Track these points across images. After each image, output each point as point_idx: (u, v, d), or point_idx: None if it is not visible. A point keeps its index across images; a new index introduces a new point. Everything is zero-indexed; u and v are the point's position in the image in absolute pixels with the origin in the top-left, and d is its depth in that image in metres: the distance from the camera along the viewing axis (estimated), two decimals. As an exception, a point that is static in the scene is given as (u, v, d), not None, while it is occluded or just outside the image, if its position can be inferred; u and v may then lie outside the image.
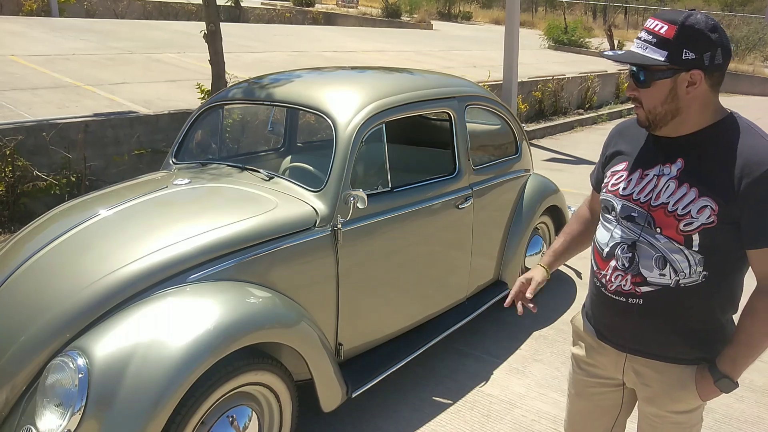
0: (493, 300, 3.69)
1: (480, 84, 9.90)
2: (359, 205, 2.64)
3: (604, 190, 1.72)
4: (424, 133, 3.95)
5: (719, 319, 1.65)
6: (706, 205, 1.51)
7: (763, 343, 1.59)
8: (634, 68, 1.56)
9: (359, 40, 15.38)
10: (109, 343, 2.04)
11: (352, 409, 3.00)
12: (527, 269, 4.10)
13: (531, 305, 1.90)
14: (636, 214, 1.61)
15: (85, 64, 8.48)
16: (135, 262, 2.27)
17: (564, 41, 19.12)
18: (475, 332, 3.78)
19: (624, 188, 1.65)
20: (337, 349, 2.78)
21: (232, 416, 2.28)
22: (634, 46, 1.56)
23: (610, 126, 1.68)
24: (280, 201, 2.67)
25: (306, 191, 2.75)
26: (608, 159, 1.77)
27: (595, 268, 1.73)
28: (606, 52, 1.69)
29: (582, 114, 12.31)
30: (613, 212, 1.68)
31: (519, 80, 10.09)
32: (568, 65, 14.92)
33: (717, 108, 1.58)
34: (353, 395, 2.71)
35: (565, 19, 21.14)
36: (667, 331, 1.64)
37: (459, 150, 3.34)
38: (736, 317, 1.67)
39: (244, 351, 2.25)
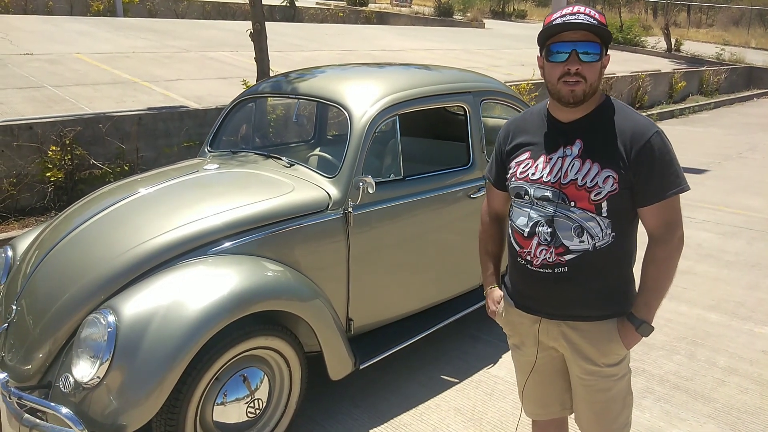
0: (507, 288, 3.83)
1: (523, 82, 9.97)
2: (369, 190, 2.85)
3: (512, 179, 1.91)
4: (440, 127, 4.12)
5: (626, 274, 1.89)
6: (609, 175, 1.75)
7: (667, 286, 1.84)
8: (586, 45, 1.72)
9: (409, 39, 15.59)
10: (137, 303, 2.33)
11: (362, 382, 3.22)
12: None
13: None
14: (549, 194, 1.81)
15: (143, 62, 8.99)
16: (163, 235, 2.56)
17: (619, 39, 18.79)
18: (489, 318, 3.89)
19: (533, 173, 1.85)
20: (348, 324, 3.00)
21: (245, 375, 2.54)
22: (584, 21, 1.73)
23: (660, 126, 1.87)
24: (297, 185, 2.91)
25: (322, 177, 2.98)
26: (509, 153, 1.95)
27: (517, 249, 1.90)
28: (559, 20, 1.74)
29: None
30: (526, 196, 1.86)
31: (564, 79, 10.06)
32: (621, 64, 14.71)
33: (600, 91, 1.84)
34: (361, 367, 2.92)
35: (620, 16, 20.75)
36: (590, 291, 1.84)
37: (473, 142, 3.50)
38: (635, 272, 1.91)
39: (257, 317, 2.51)
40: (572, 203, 1.78)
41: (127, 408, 2.20)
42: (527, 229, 1.86)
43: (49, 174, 5.26)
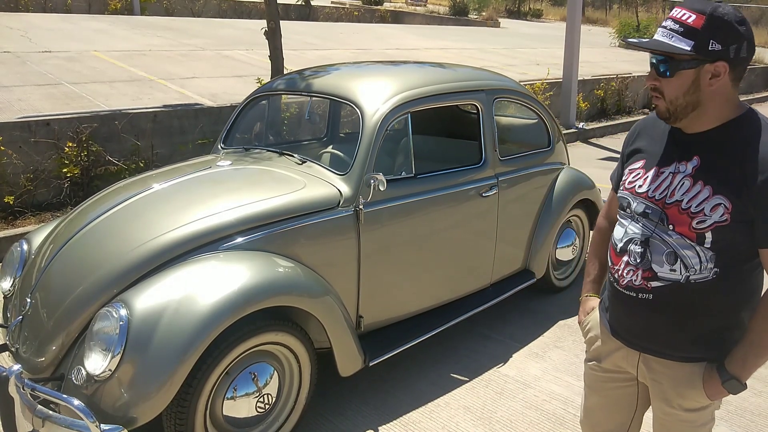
0: (518, 288, 3.82)
1: (538, 81, 9.92)
2: (380, 188, 2.85)
3: (621, 188, 1.74)
4: (453, 125, 4.12)
5: (733, 317, 1.63)
6: (720, 203, 1.51)
7: None
8: (656, 58, 1.55)
9: (424, 38, 15.56)
10: (148, 297, 2.35)
11: (372, 379, 3.22)
12: (557, 260, 4.21)
13: None
14: (650, 211, 1.62)
15: (159, 60, 9.06)
16: (176, 230, 2.58)
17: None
18: (500, 318, 3.93)
19: (640, 186, 1.67)
20: (358, 321, 3.01)
21: (254, 372, 2.55)
22: (658, 35, 1.55)
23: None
24: (308, 182, 2.92)
25: (333, 174, 2.99)
26: (627, 157, 1.78)
27: (609, 264, 1.75)
28: (630, 39, 1.65)
29: (648, 114, 12.02)
30: (628, 209, 1.69)
31: (580, 78, 10.02)
32: (638, 64, 14.57)
33: (737, 104, 1.58)
34: (371, 364, 2.93)
35: (637, 16, 20.57)
36: (677, 327, 1.64)
37: (485, 141, 3.49)
38: None
39: (267, 313, 2.52)
40: (671, 226, 1.58)
41: (137, 401, 2.22)
42: (620, 245, 1.70)
43: (65, 170, 5.31)
